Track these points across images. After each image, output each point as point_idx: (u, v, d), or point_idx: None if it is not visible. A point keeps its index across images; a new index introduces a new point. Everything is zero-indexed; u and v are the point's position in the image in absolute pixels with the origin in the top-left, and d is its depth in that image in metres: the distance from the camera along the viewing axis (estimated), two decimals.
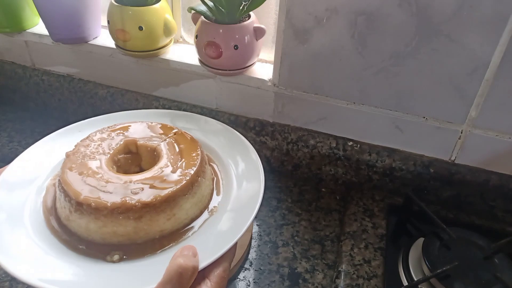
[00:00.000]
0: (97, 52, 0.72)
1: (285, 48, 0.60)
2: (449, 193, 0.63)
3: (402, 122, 0.60)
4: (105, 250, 0.38)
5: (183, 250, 0.35)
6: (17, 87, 0.82)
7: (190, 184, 0.41)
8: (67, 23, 0.68)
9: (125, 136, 0.47)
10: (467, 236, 0.56)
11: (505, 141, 0.57)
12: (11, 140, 0.76)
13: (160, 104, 0.72)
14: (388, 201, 0.65)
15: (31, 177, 0.45)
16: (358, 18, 0.54)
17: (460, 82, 0.54)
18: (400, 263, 0.56)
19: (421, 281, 0.51)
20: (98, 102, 0.77)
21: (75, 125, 0.51)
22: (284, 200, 0.66)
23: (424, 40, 0.53)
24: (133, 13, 0.62)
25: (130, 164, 0.46)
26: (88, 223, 0.38)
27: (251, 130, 0.68)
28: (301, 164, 0.69)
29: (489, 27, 0.50)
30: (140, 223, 0.38)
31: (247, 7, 0.58)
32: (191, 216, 0.41)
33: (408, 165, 0.63)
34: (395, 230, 0.62)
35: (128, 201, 0.37)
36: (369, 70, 0.58)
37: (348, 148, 0.65)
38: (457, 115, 0.57)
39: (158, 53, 0.68)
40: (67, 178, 0.40)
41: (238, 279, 0.54)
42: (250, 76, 0.64)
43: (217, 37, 0.59)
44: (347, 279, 0.53)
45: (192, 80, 0.68)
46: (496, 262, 0.53)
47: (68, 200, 0.39)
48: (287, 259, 0.57)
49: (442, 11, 0.50)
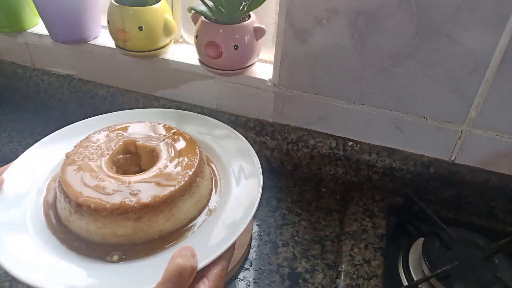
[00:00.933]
0: (97, 52, 0.72)
1: (285, 48, 0.60)
2: (449, 193, 0.63)
3: (402, 122, 0.60)
4: (105, 250, 0.38)
5: (181, 250, 0.35)
6: (17, 87, 0.82)
7: (189, 185, 0.41)
8: (67, 23, 0.68)
9: (124, 136, 0.47)
10: (467, 236, 0.56)
11: (505, 141, 0.57)
12: (11, 140, 0.76)
13: (160, 104, 0.72)
14: (388, 201, 0.65)
15: (31, 178, 0.45)
16: (358, 18, 0.54)
17: (460, 82, 0.54)
18: (400, 263, 0.56)
19: (421, 281, 0.51)
20: (98, 102, 0.77)
21: (74, 125, 0.51)
22: (284, 200, 0.66)
23: (424, 40, 0.53)
24: (133, 13, 0.62)
25: (130, 164, 0.46)
26: (88, 224, 0.38)
27: (251, 130, 0.68)
28: (301, 164, 0.69)
29: (489, 27, 0.50)
30: (139, 223, 0.38)
31: (247, 7, 0.58)
32: (189, 216, 0.41)
33: (408, 165, 0.63)
34: (395, 230, 0.62)
35: (127, 202, 0.37)
36: (369, 70, 0.58)
37: (348, 148, 0.65)
38: (457, 115, 0.57)
39: (158, 53, 0.68)
40: (67, 179, 0.40)
41: (238, 279, 0.54)
42: (250, 76, 0.64)
43: (217, 37, 0.59)
44: (347, 279, 0.53)
45: (192, 80, 0.68)
46: (496, 262, 0.53)
47: (68, 201, 0.39)
48: (287, 259, 0.57)
49: (442, 11, 0.50)
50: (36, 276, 0.34)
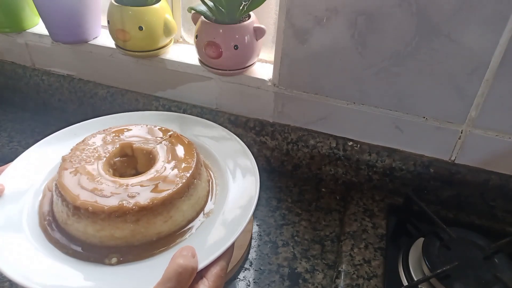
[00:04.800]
0: (97, 52, 0.72)
1: (285, 48, 0.60)
2: (449, 193, 0.63)
3: (402, 122, 0.60)
4: (103, 252, 0.38)
5: (182, 250, 0.35)
6: (17, 87, 0.83)
7: (186, 187, 0.41)
8: (67, 23, 0.68)
9: (121, 139, 0.47)
10: (467, 236, 0.56)
11: (505, 141, 0.57)
12: (11, 140, 0.76)
13: (160, 104, 0.72)
14: (388, 201, 0.64)
15: (28, 180, 0.45)
16: (358, 18, 0.54)
17: (460, 82, 0.54)
18: (400, 263, 0.56)
19: (421, 281, 0.51)
20: (98, 102, 0.77)
21: (70, 128, 0.51)
22: (284, 200, 0.66)
23: (424, 40, 0.53)
24: (133, 13, 0.62)
25: (126, 167, 0.46)
26: (85, 226, 0.38)
27: (251, 130, 0.68)
28: (301, 164, 0.69)
29: (489, 27, 0.50)
30: (137, 226, 0.38)
31: (247, 7, 0.58)
32: (187, 218, 0.41)
33: (408, 165, 0.63)
34: (395, 230, 0.62)
35: (125, 205, 0.37)
36: (369, 70, 0.57)
37: (348, 148, 0.65)
38: (457, 115, 0.57)
39: (158, 53, 0.68)
40: (64, 183, 0.40)
41: (238, 279, 0.54)
42: (250, 76, 0.64)
43: (217, 37, 0.59)
44: (347, 279, 0.53)
45: (192, 80, 0.68)
46: (496, 262, 0.53)
47: (65, 205, 0.39)
48: (287, 259, 0.57)
49: (442, 11, 0.50)
50: (34, 279, 0.34)
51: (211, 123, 0.53)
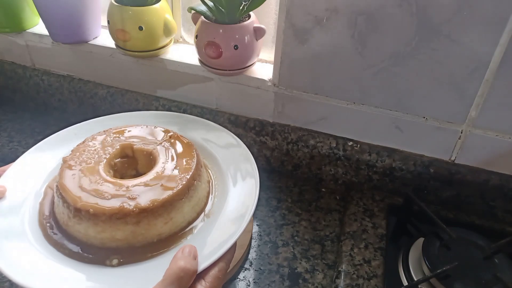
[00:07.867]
0: (97, 52, 0.72)
1: (285, 48, 0.60)
2: (449, 193, 0.63)
3: (402, 122, 0.60)
4: (104, 254, 0.38)
5: (184, 250, 0.35)
6: (17, 87, 0.82)
7: (187, 188, 0.41)
8: (67, 23, 0.68)
9: (121, 140, 0.47)
10: (467, 236, 0.56)
11: (505, 141, 0.57)
12: (11, 140, 0.76)
13: (160, 104, 0.72)
14: (388, 201, 0.64)
15: (29, 182, 0.45)
16: (358, 18, 0.54)
17: (460, 82, 0.54)
18: (400, 263, 0.56)
19: (421, 281, 0.52)
20: (98, 102, 0.77)
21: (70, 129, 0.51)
22: (284, 200, 0.66)
23: (424, 40, 0.53)
24: (133, 13, 0.62)
25: (127, 168, 0.46)
26: (86, 228, 0.38)
27: (251, 130, 0.68)
28: (301, 164, 0.69)
29: (489, 27, 0.50)
30: (138, 227, 0.38)
31: (247, 7, 0.58)
32: (188, 220, 0.41)
33: (408, 165, 0.63)
34: (395, 230, 0.62)
35: (126, 207, 0.37)
36: (369, 70, 0.57)
37: (348, 148, 0.65)
38: (457, 115, 0.57)
39: (158, 53, 0.68)
40: (65, 184, 0.40)
41: (238, 279, 0.54)
42: (250, 76, 0.64)
43: (217, 37, 0.59)
44: (347, 279, 0.53)
45: (192, 80, 0.68)
46: (496, 262, 0.53)
47: (66, 206, 0.39)
48: (287, 259, 0.57)
49: (442, 11, 0.50)
50: (35, 281, 0.34)
51: (211, 123, 0.53)
